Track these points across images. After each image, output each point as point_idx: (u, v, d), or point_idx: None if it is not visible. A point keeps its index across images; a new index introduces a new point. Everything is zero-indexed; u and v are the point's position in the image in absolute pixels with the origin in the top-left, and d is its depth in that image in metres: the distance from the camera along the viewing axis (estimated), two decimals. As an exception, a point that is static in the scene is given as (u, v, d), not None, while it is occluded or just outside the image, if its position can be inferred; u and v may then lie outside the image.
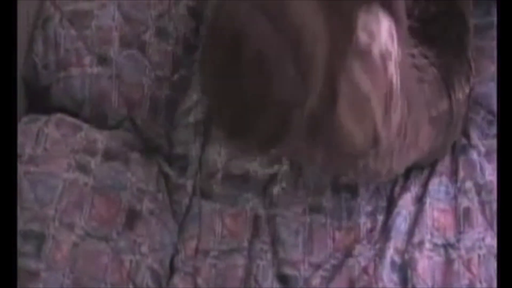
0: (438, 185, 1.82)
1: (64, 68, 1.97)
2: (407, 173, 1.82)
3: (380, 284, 1.69)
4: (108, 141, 1.87)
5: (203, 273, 1.77)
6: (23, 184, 1.72)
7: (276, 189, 1.87)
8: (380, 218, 1.80)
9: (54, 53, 1.99)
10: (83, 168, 1.79)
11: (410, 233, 1.76)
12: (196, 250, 1.81)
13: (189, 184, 1.89)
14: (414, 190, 1.81)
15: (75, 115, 1.93)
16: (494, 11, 1.86)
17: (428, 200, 1.79)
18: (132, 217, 1.77)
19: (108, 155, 1.84)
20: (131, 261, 1.72)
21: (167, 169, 1.90)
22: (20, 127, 1.83)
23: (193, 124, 1.96)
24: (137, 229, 1.76)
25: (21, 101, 1.96)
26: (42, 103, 1.97)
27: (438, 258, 1.72)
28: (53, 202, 1.72)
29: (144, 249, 1.75)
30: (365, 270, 1.71)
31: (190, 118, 1.97)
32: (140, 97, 1.96)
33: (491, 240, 1.71)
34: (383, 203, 1.82)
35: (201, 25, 2.08)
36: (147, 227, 1.78)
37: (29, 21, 2.02)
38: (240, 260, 1.78)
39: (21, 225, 1.66)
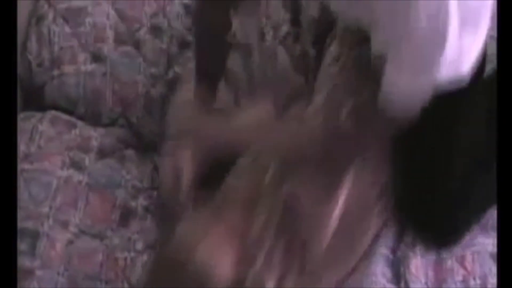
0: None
1: (58, 66, 1.97)
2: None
3: (373, 279, 1.69)
4: (103, 138, 1.87)
5: (198, 270, 1.77)
6: (18, 182, 1.72)
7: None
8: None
9: (48, 51, 1.99)
10: (77, 166, 1.79)
11: (404, 230, 1.76)
12: (191, 247, 1.81)
13: (184, 181, 1.89)
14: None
15: (69, 112, 1.93)
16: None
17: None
18: (127, 214, 1.77)
19: (103, 153, 1.84)
20: (125, 258, 1.72)
21: (161, 166, 1.90)
22: (15, 124, 1.82)
23: (187, 122, 1.96)
24: (131, 226, 1.76)
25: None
26: (37, 101, 1.97)
27: (432, 255, 1.73)
28: (48, 199, 1.73)
29: (138, 246, 1.74)
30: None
31: (184, 115, 1.97)
32: (134, 95, 1.97)
33: (485, 238, 1.72)
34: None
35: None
36: (141, 224, 1.77)
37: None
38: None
39: (15, 223, 1.66)
